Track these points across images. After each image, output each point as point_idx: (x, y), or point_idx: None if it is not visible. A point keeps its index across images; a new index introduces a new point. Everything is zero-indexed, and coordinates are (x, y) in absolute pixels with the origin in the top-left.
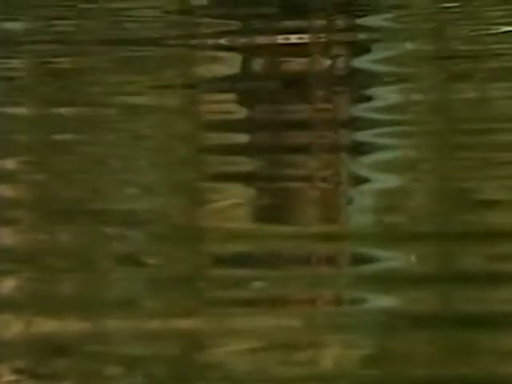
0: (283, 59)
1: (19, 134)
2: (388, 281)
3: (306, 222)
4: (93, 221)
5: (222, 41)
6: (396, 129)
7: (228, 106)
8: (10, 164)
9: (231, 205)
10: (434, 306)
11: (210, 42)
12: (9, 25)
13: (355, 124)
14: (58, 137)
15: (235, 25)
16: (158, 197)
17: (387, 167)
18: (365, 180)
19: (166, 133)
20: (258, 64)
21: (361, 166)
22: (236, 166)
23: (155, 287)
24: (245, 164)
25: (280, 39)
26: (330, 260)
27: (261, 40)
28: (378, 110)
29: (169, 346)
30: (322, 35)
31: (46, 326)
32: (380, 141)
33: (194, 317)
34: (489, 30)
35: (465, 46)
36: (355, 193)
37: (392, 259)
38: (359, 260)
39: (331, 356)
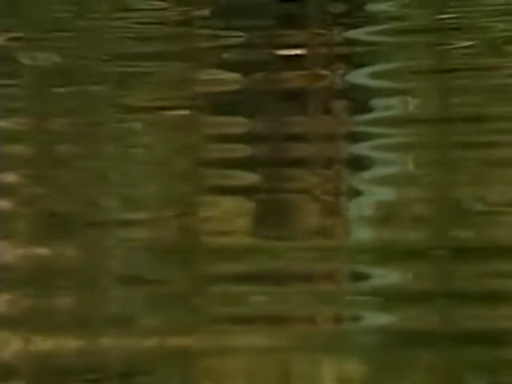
0: (282, 72)
1: (18, 147)
2: (385, 298)
3: (306, 235)
4: (91, 235)
5: (223, 54)
6: (394, 142)
7: (228, 119)
8: (9, 178)
9: (230, 219)
10: (431, 324)
11: (211, 55)
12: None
13: (354, 137)
14: (58, 150)
15: (235, 37)
16: (155, 210)
17: (385, 181)
18: (363, 193)
19: (166, 146)
20: (257, 77)
21: (359, 179)
22: (235, 179)
23: (153, 304)
24: (244, 178)
25: (279, 52)
26: (329, 276)
27: (260, 53)
28: (376, 122)
29: (166, 364)
30: (321, 48)
31: (44, 344)
32: (378, 154)
33: (192, 334)
34: (487, 41)
35: (463, 59)
36: (353, 206)
37: (389, 276)
38: (356, 277)
39: (329, 375)
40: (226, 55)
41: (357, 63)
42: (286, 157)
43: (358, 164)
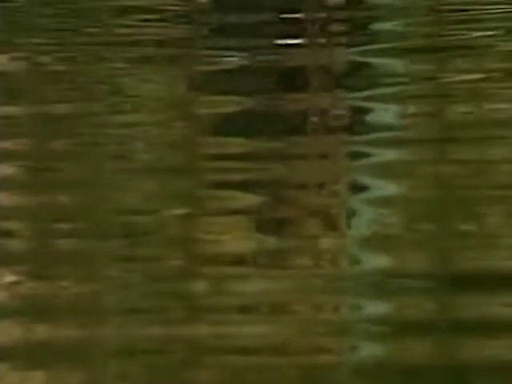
0: (284, 94)
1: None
2: (383, 328)
3: (306, 258)
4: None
5: (223, 76)
6: (392, 162)
7: (228, 140)
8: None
9: (230, 241)
10: (430, 354)
11: (211, 77)
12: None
13: (354, 157)
14: (57, 170)
15: (235, 58)
16: (155, 231)
17: (383, 202)
18: (361, 214)
19: (166, 166)
20: (258, 99)
21: (359, 200)
22: (236, 201)
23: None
24: (245, 199)
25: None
26: (329, 306)
27: (261, 75)
28: (375, 143)
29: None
30: (322, 68)
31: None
32: (376, 175)
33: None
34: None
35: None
36: (353, 227)
37: (387, 305)
38: (355, 306)
39: None
40: (226, 77)
41: (358, 84)
42: (287, 177)
43: (358, 185)
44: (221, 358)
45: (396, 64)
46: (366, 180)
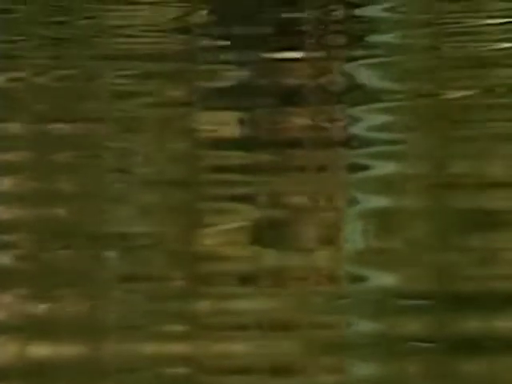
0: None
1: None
2: (380, 347)
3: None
4: (91, 244)
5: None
6: (391, 175)
7: (228, 153)
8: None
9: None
10: (428, 373)
11: (212, 93)
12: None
13: (353, 169)
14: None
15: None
16: (155, 245)
17: (380, 213)
18: (358, 226)
19: (165, 178)
20: (259, 111)
21: (356, 211)
22: (235, 213)
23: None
24: (244, 211)
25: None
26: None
27: (261, 90)
28: (375, 156)
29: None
30: (320, 79)
31: None
32: (375, 186)
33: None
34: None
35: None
36: (349, 238)
37: (386, 325)
38: (352, 323)
39: None
40: (225, 91)
41: (356, 98)
42: (286, 189)
43: (355, 198)
44: (222, 378)
45: (393, 78)
46: (362, 193)
